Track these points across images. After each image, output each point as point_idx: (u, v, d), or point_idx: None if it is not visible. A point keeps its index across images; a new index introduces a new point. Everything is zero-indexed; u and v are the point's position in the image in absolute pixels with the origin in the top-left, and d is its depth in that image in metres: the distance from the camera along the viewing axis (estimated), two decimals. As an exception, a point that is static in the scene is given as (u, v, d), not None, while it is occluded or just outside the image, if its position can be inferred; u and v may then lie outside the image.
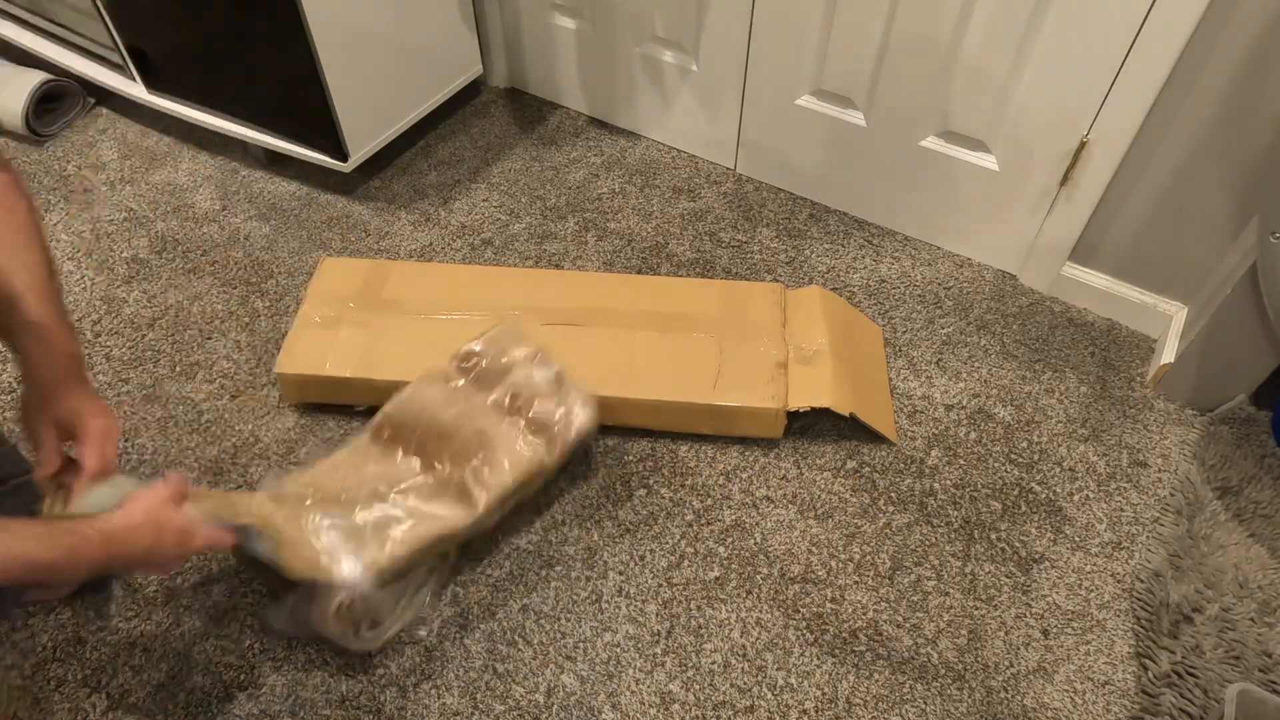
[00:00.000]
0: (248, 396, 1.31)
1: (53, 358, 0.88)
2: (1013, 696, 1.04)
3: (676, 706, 1.03)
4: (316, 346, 1.28)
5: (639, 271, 1.55)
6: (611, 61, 1.73)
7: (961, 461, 1.27)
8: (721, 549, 1.17)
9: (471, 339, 1.21)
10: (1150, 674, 1.05)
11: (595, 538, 1.18)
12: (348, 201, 1.68)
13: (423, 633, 1.08)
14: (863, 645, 1.08)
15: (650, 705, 1.03)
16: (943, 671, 1.06)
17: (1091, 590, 1.13)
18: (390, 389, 1.26)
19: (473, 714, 1.02)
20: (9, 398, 1.33)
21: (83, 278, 1.51)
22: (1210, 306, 1.25)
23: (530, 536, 1.18)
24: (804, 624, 1.10)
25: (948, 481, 1.24)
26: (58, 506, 0.87)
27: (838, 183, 1.63)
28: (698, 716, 1.02)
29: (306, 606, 0.98)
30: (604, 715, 1.02)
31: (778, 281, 1.48)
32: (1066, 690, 1.05)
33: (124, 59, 1.69)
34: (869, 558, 1.16)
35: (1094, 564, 1.16)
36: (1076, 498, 1.23)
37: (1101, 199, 1.34)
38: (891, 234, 1.61)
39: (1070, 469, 1.26)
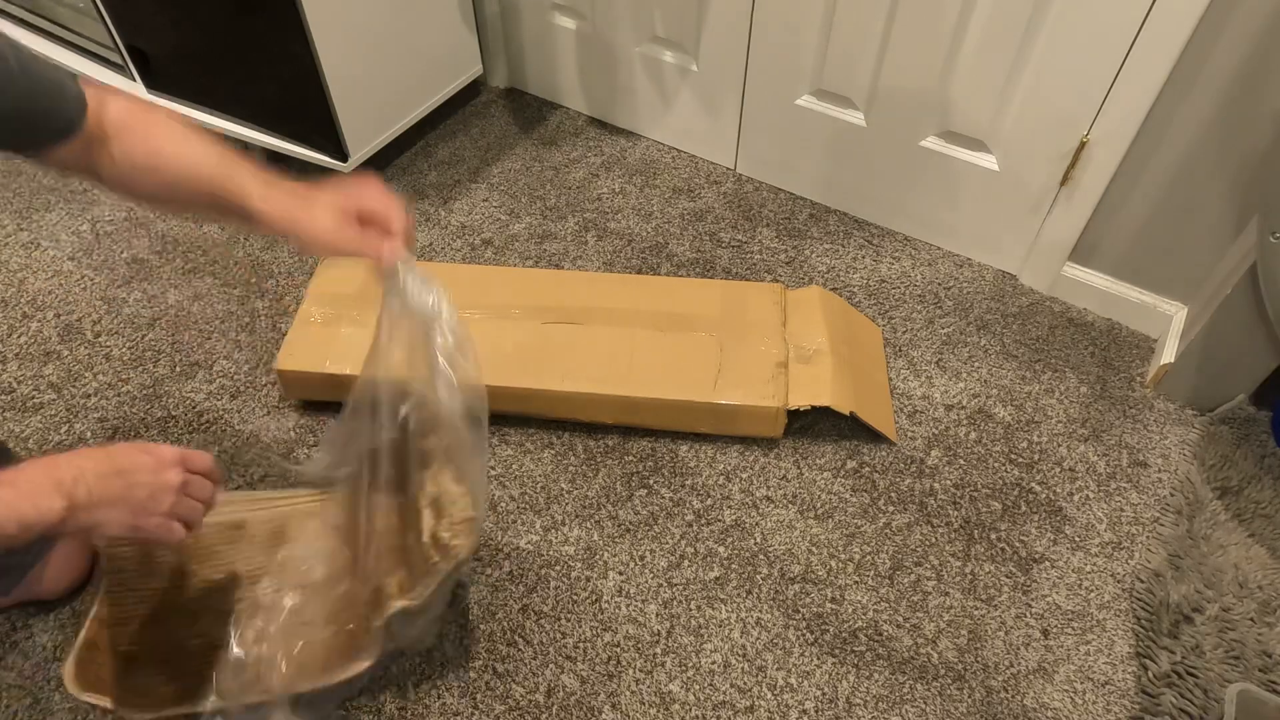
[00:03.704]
0: None
1: (286, 186, 0.84)
2: (1013, 696, 1.04)
3: (676, 706, 1.03)
4: (316, 344, 1.28)
5: (639, 271, 1.55)
6: (611, 61, 1.74)
7: (961, 461, 1.27)
8: (721, 549, 1.17)
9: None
10: (1150, 674, 1.05)
11: (595, 538, 1.18)
12: (348, 201, 1.67)
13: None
14: (863, 645, 1.08)
15: (650, 705, 1.03)
16: (943, 671, 1.06)
17: (1091, 590, 1.13)
18: (389, 386, 1.26)
19: (473, 714, 1.02)
20: None
21: (83, 278, 1.51)
22: (1210, 306, 1.25)
23: (530, 536, 1.18)
24: (804, 624, 1.10)
25: (948, 481, 1.24)
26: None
27: (838, 183, 1.63)
28: (698, 716, 1.02)
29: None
30: (604, 715, 1.02)
31: (778, 281, 1.48)
32: (1066, 690, 1.05)
33: (124, 59, 1.69)
34: (869, 558, 1.16)
35: (1094, 564, 1.16)
36: (1076, 498, 1.23)
37: (1101, 199, 1.34)
38: (891, 234, 1.61)
39: (1070, 469, 1.26)
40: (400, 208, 0.85)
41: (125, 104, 0.83)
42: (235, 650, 0.97)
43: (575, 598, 1.12)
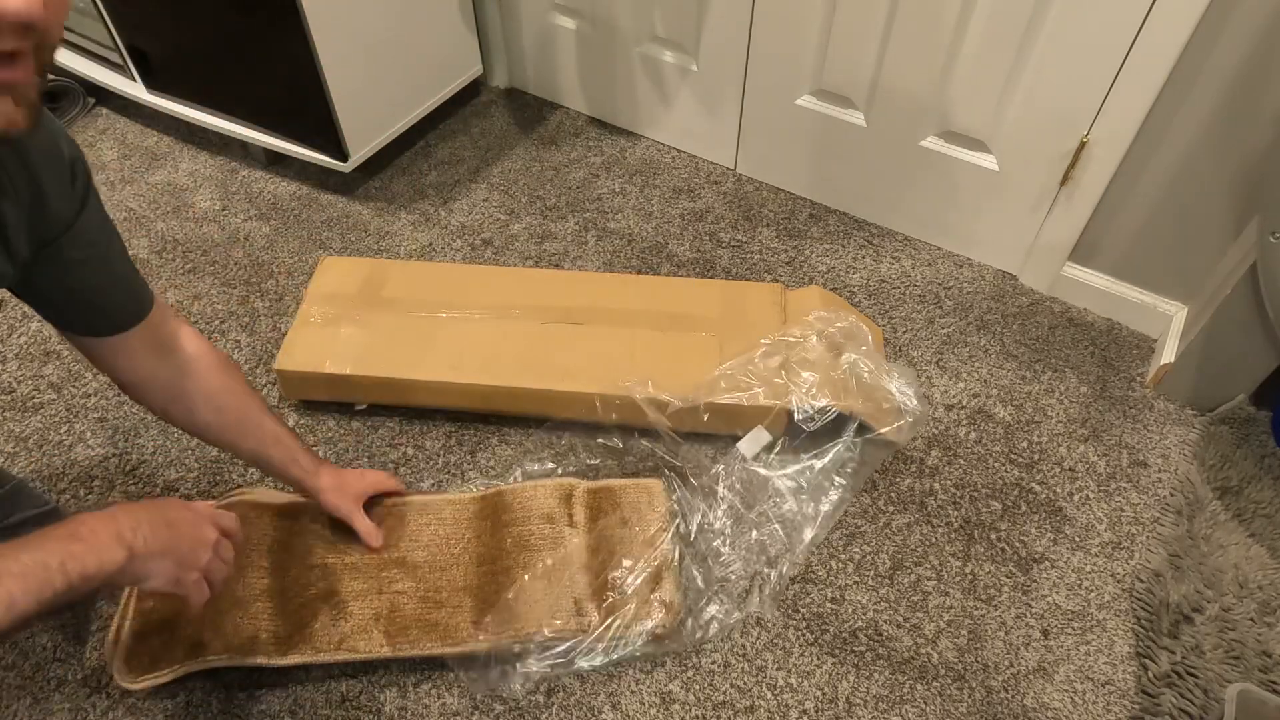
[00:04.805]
0: None
1: (316, 466, 1.05)
2: (1013, 696, 1.04)
3: (676, 706, 1.03)
4: (316, 344, 1.28)
5: (639, 271, 1.55)
6: (611, 61, 1.74)
7: (961, 461, 1.27)
8: (723, 548, 1.17)
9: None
10: (1150, 674, 1.05)
11: (595, 538, 1.18)
12: (348, 201, 1.68)
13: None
14: (863, 645, 1.08)
15: (650, 705, 1.03)
16: (943, 671, 1.06)
17: (1091, 590, 1.13)
18: (390, 386, 1.26)
19: (473, 714, 1.02)
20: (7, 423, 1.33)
21: (83, 278, 1.51)
22: (1210, 306, 1.25)
23: (530, 536, 1.18)
24: (804, 624, 1.10)
25: (948, 481, 1.24)
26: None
27: (838, 183, 1.63)
28: (698, 716, 1.02)
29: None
30: (604, 715, 1.02)
31: (778, 281, 1.48)
32: (1066, 690, 1.05)
33: (124, 59, 1.69)
34: (869, 558, 1.16)
35: (1094, 564, 1.16)
36: (1076, 498, 1.23)
37: (1101, 199, 1.34)
38: (891, 234, 1.61)
39: (1070, 469, 1.26)
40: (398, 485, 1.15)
41: (198, 337, 0.95)
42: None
43: (575, 598, 1.12)
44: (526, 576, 1.06)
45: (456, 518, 1.13)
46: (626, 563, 1.08)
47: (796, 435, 1.24)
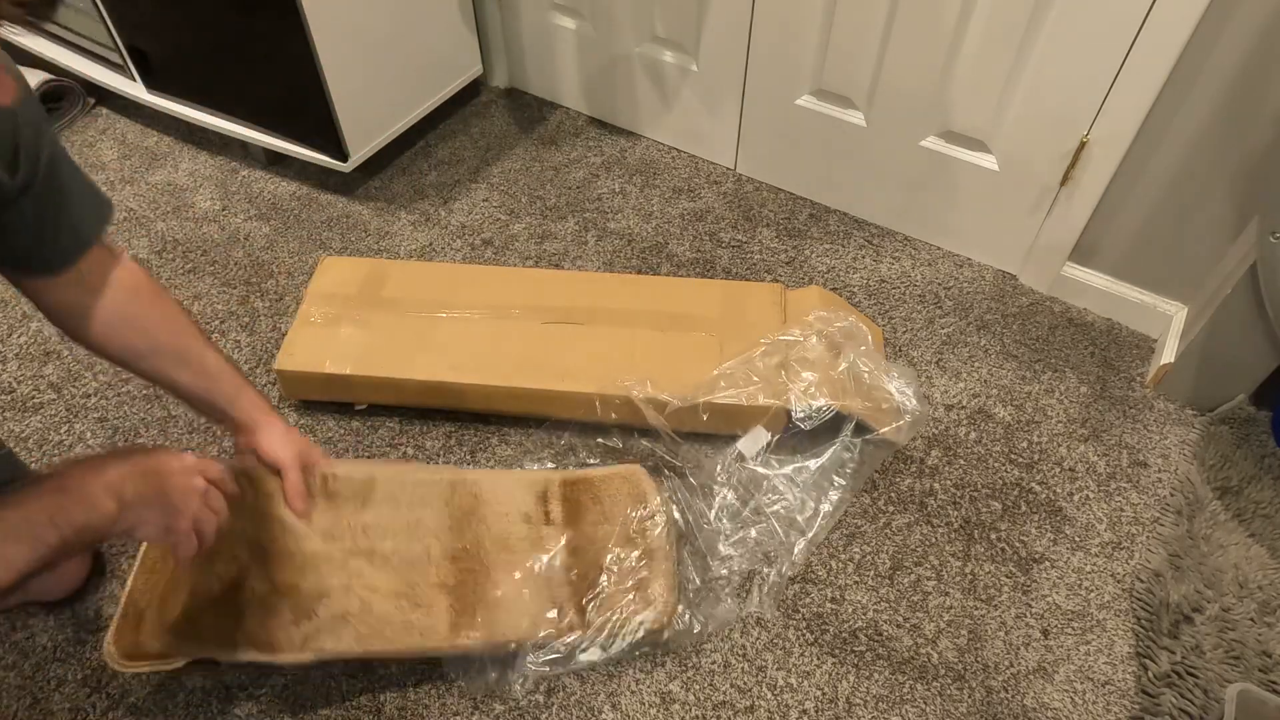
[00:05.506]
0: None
1: (266, 405, 0.97)
2: (1013, 696, 1.04)
3: (676, 706, 1.03)
4: (316, 344, 1.28)
5: (639, 271, 1.55)
6: (611, 61, 1.74)
7: (961, 461, 1.27)
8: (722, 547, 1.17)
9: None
10: (1150, 674, 1.05)
11: (595, 538, 1.18)
12: (348, 201, 1.68)
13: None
14: (863, 645, 1.08)
15: (650, 705, 1.03)
16: (943, 671, 1.06)
17: (1091, 590, 1.13)
18: (390, 386, 1.26)
19: (473, 714, 1.02)
20: None
21: (83, 278, 1.51)
22: (1210, 306, 1.25)
23: (530, 536, 1.18)
24: (804, 624, 1.10)
25: (948, 481, 1.24)
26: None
27: (838, 183, 1.63)
28: (698, 716, 1.02)
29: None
30: (604, 715, 1.02)
31: (778, 281, 1.48)
32: (1066, 690, 1.05)
33: (124, 59, 1.69)
34: (869, 558, 1.16)
35: (1094, 564, 1.16)
36: (1076, 498, 1.23)
37: (1101, 199, 1.34)
38: (891, 234, 1.61)
39: (1070, 469, 1.26)
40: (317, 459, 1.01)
41: (133, 266, 0.89)
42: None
43: (575, 598, 1.12)
44: (517, 574, 1.04)
45: (424, 498, 1.07)
46: (612, 554, 1.06)
47: (796, 435, 1.24)
